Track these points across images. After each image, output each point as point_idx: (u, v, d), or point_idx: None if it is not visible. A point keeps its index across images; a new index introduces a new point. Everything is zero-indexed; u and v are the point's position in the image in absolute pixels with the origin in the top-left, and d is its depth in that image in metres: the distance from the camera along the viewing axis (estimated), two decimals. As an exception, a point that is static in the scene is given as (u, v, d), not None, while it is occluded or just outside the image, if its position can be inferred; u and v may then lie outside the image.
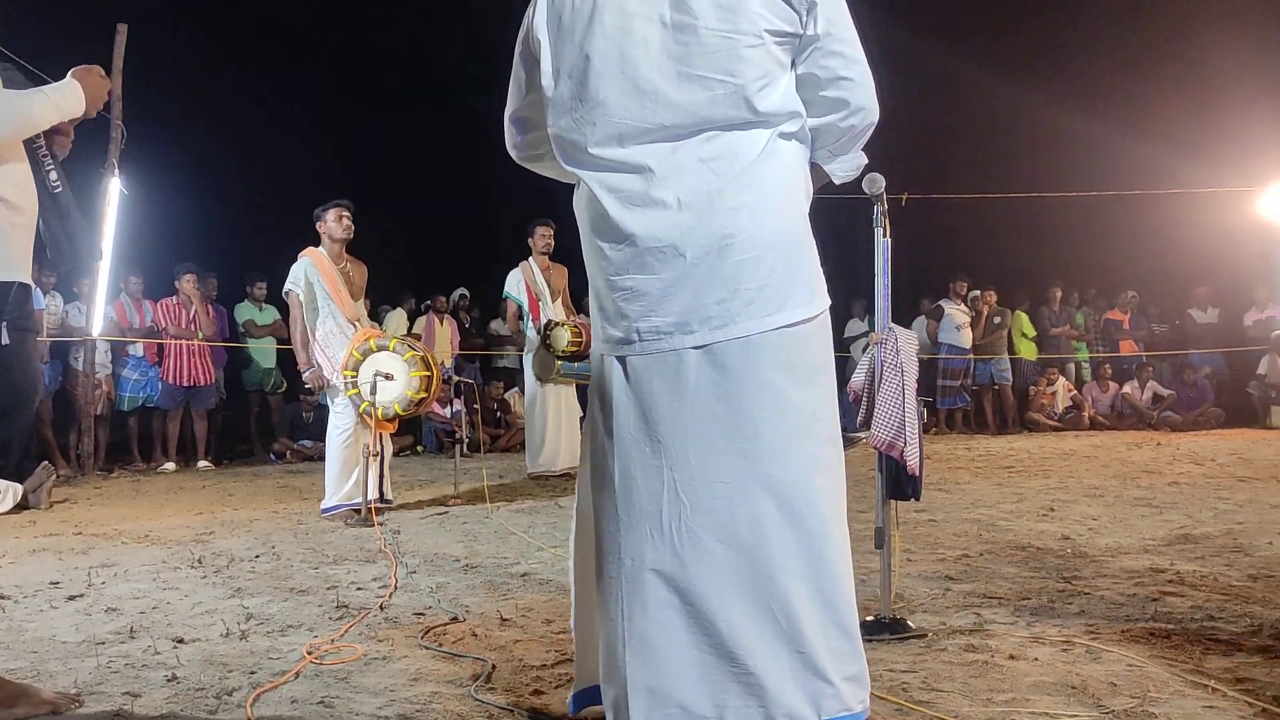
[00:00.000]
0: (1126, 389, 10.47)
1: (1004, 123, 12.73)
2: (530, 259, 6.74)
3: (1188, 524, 4.19)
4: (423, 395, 5.00)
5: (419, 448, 9.23)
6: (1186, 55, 11.35)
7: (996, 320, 10.38)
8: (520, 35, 1.80)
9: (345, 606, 3.01)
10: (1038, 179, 10.84)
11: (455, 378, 6.50)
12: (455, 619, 2.84)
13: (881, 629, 2.55)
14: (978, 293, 10.46)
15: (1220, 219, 10.42)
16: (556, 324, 6.24)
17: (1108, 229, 12.16)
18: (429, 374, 4.99)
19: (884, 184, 2.54)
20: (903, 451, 2.54)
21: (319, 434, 6.82)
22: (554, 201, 2.71)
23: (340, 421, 4.99)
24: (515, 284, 6.70)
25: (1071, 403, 10.44)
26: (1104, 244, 12.27)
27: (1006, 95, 11.89)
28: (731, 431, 1.58)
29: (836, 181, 1.83)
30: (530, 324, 6.60)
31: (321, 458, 5.34)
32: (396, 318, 9.67)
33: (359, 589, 3.28)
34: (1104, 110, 12.25)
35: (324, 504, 4.94)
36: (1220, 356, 10.89)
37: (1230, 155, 10.39)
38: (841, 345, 10.23)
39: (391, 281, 9.85)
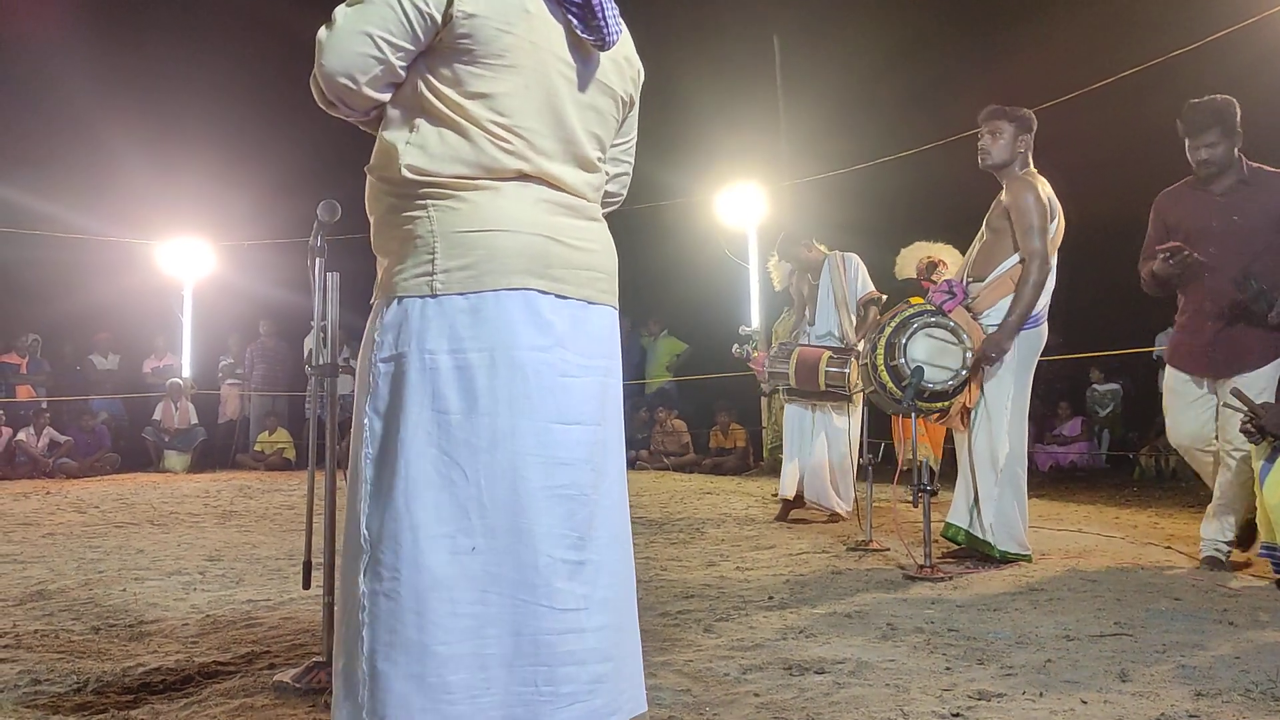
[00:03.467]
0: (22, 435, 9.83)
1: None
2: None
3: (48, 579, 4.02)
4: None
5: None
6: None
7: None
8: None
9: None
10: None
11: None
12: None
13: None
14: None
15: (121, 268, 10.73)
16: None
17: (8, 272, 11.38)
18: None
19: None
20: None
21: None
22: None
23: None
24: None
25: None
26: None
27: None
28: None
29: None
30: None
31: None
32: None
33: None
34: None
35: None
36: (120, 402, 11.12)
37: (129, 209, 10.81)
38: None
39: None
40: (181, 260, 11.15)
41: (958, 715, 2.16)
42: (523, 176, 1.68)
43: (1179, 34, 6.26)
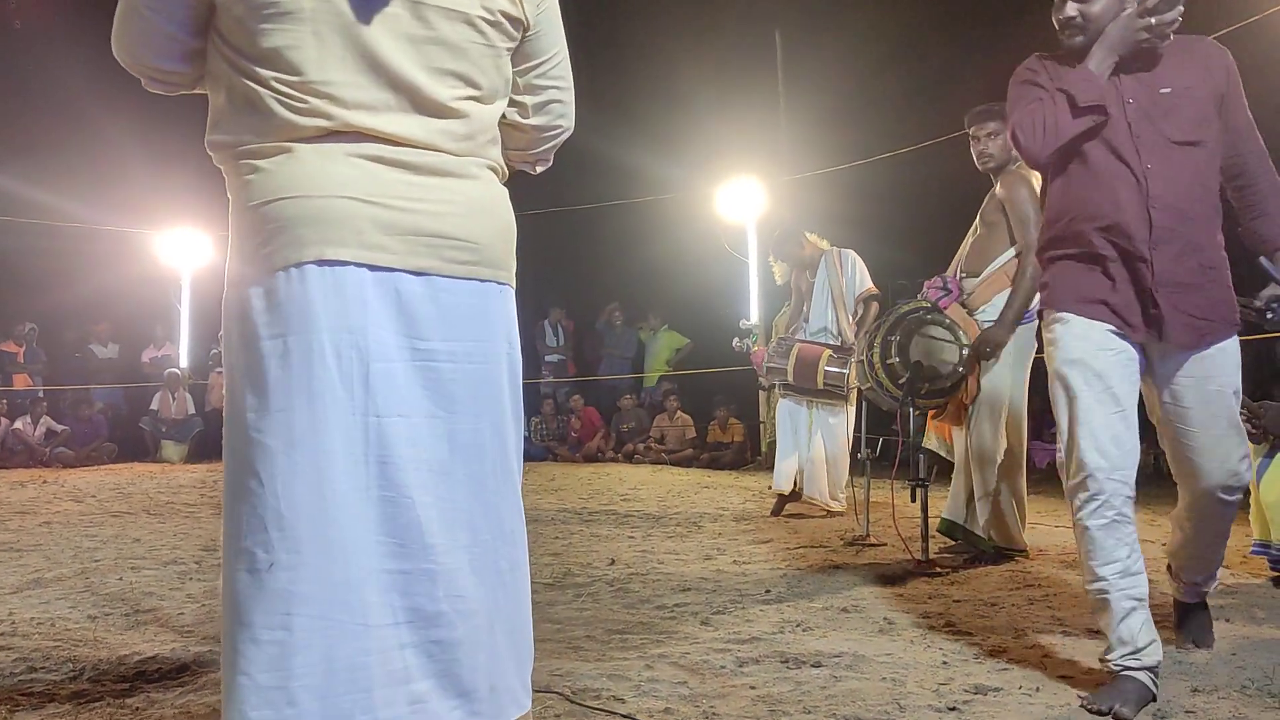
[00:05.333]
0: (19, 424, 9.83)
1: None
2: None
3: (44, 567, 4.01)
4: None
5: None
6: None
7: None
8: None
9: None
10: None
11: None
12: None
13: None
14: None
15: (119, 257, 10.74)
16: None
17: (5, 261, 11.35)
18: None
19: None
20: None
21: None
22: None
23: None
24: None
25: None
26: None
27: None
28: None
29: None
30: None
31: None
32: None
33: None
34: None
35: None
36: (120, 391, 11.12)
37: (127, 198, 10.80)
38: None
39: None
40: (179, 250, 11.13)
41: (954, 709, 2.16)
42: (330, 135, 1.46)
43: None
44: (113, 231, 10.98)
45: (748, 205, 9.89)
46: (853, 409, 5.57)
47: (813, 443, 5.59)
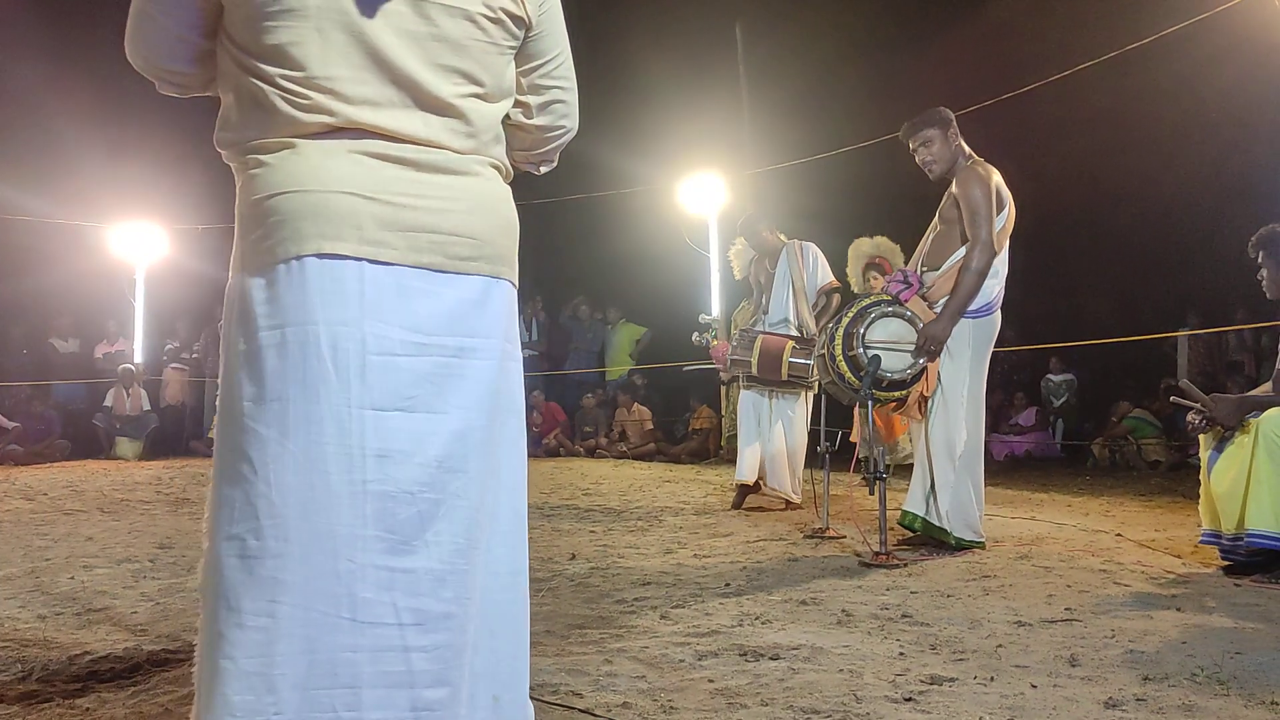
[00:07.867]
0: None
1: None
2: None
3: (-7, 567, 3.93)
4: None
5: None
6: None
7: None
8: None
9: None
10: None
11: None
12: None
13: None
14: None
15: (72, 251, 10.52)
16: None
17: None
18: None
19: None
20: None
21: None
22: None
23: None
24: None
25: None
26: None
27: None
28: None
29: None
30: None
31: None
32: None
33: None
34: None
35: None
36: (74, 387, 10.92)
37: (79, 191, 10.58)
38: None
39: None
40: (133, 244, 10.93)
41: (910, 700, 2.18)
42: (333, 131, 1.48)
43: (1135, 28, 6.35)
44: (65, 225, 10.76)
45: (709, 199, 9.91)
46: (810, 401, 5.62)
47: (773, 434, 5.62)
